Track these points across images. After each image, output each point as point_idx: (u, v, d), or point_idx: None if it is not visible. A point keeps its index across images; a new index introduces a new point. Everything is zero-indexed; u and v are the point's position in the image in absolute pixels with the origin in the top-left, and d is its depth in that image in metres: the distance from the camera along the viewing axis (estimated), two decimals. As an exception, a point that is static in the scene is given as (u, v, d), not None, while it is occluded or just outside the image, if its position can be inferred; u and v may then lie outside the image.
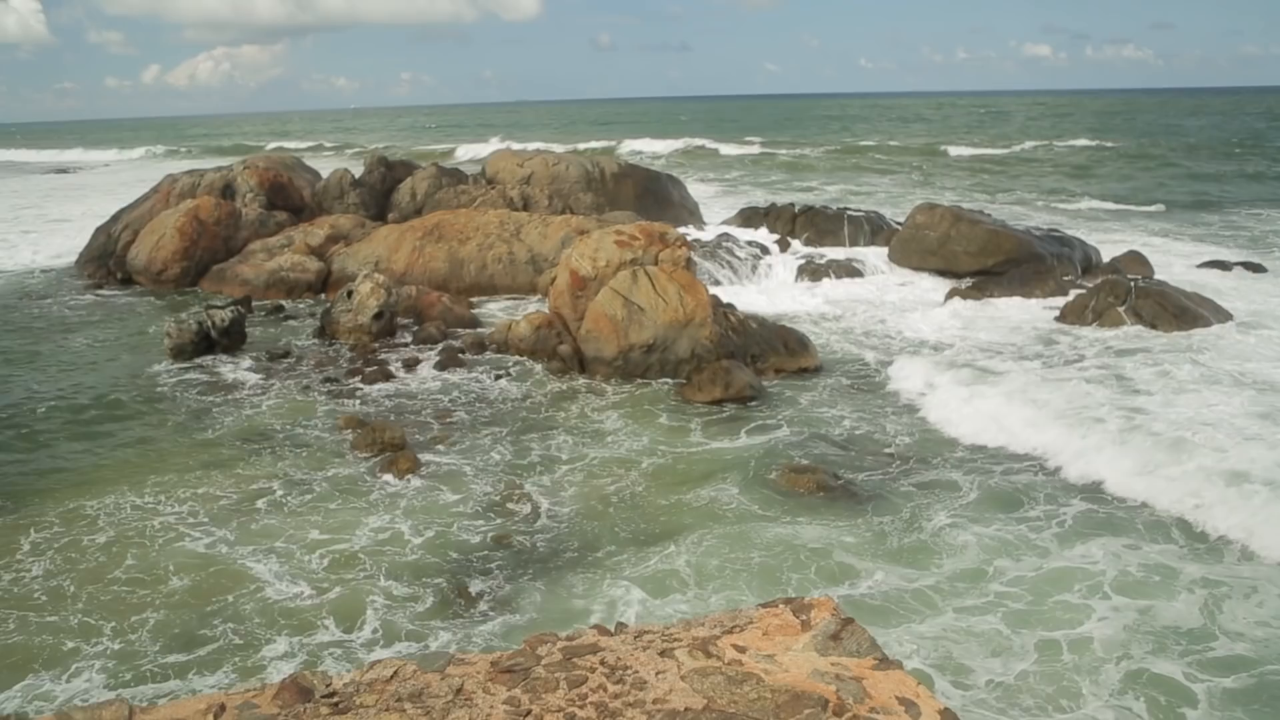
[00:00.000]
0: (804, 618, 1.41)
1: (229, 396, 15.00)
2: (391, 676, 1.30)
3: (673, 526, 10.31)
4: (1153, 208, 35.77)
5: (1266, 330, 17.15)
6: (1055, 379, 14.63)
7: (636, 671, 1.28)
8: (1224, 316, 17.56)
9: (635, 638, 1.38)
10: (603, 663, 1.31)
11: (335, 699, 1.26)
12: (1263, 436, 11.82)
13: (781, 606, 1.45)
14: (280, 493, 11.23)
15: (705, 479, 11.58)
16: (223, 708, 1.24)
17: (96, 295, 23.17)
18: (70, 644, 8.09)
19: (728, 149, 65.41)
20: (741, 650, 1.33)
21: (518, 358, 16.67)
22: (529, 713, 1.20)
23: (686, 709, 1.20)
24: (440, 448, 12.71)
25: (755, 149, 64.61)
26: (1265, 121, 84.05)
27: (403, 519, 10.51)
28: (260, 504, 10.91)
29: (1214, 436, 11.79)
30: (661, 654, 1.33)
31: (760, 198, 36.33)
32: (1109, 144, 62.39)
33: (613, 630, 1.42)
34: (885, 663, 1.31)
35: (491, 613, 8.66)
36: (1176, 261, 24.13)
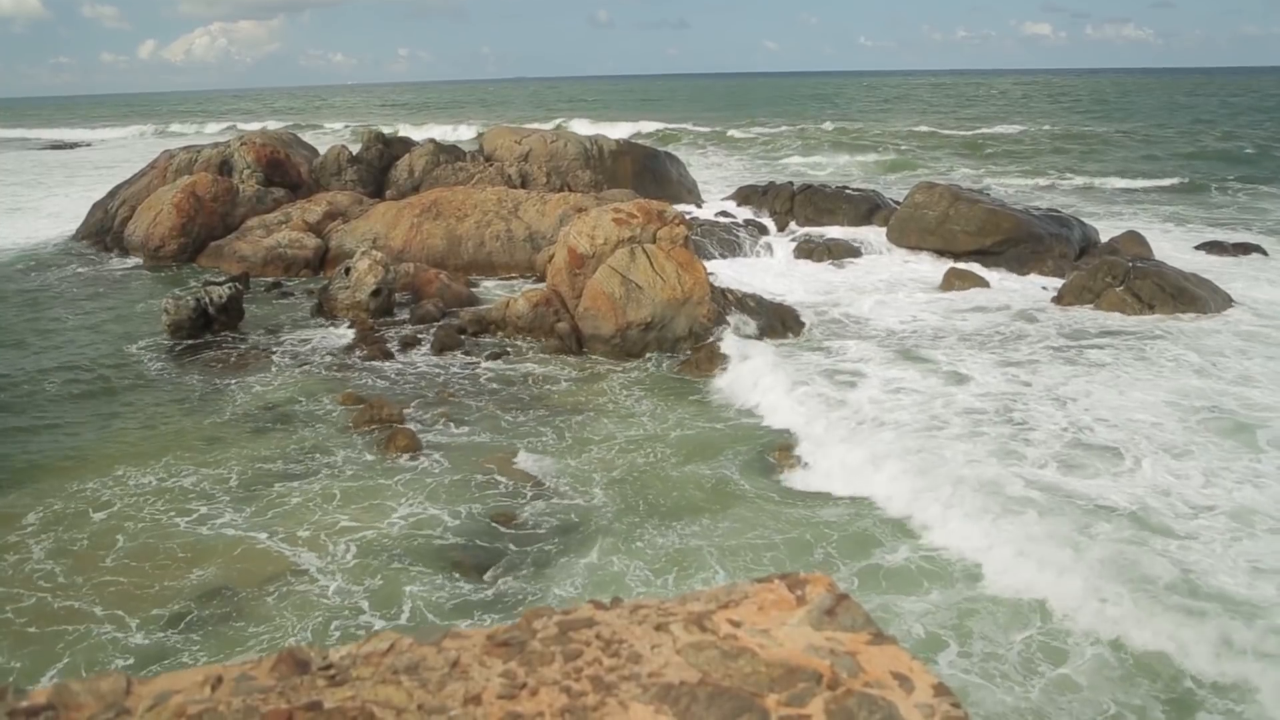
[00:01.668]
0: (799, 593, 1.41)
1: (227, 374, 15.00)
2: (388, 649, 1.30)
3: (676, 503, 10.38)
4: (1152, 187, 35.69)
5: (1261, 317, 17.04)
6: (1004, 369, 14.45)
7: (632, 645, 1.28)
8: (1222, 299, 17.54)
9: (631, 612, 1.39)
10: (598, 636, 1.32)
11: (332, 671, 1.26)
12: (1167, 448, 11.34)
13: (777, 582, 1.45)
14: (280, 470, 11.26)
15: (707, 455, 11.64)
16: (219, 679, 1.24)
17: (94, 271, 23.12)
18: (88, 628, 8.07)
19: (698, 130, 62.79)
20: (736, 625, 1.33)
21: (516, 335, 16.66)
22: (524, 685, 1.20)
23: (682, 682, 1.21)
24: (439, 424, 12.73)
25: (731, 130, 62.71)
26: (1266, 101, 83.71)
27: (403, 495, 10.55)
28: (260, 482, 10.95)
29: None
30: (657, 628, 1.33)
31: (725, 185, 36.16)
32: (1109, 124, 62.19)
33: (608, 605, 1.42)
34: (880, 638, 1.31)
35: (490, 591, 8.70)
36: (1176, 242, 24.13)
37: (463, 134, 50.87)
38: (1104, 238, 22.79)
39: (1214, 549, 8.82)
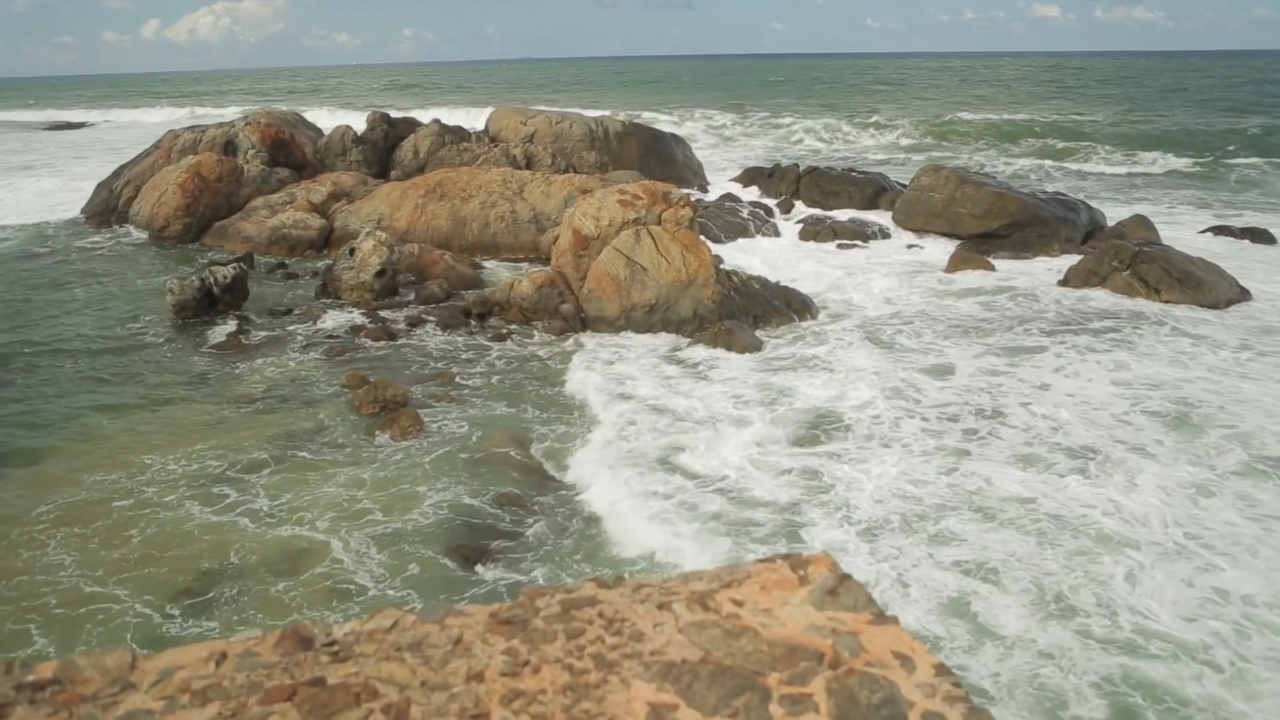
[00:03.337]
0: (801, 573, 1.41)
1: (230, 355, 15.02)
2: (391, 627, 1.31)
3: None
4: (1159, 171, 35.54)
5: (1267, 303, 16.90)
6: (989, 357, 14.24)
7: (634, 624, 1.29)
8: (1229, 284, 17.42)
9: (633, 591, 1.39)
10: (601, 615, 1.32)
11: (335, 648, 1.27)
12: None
13: (779, 562, 1.46)
14: (285, 453, 11.26)
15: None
16: (224, 655, 1.25)
17: (98, 251, 23.10)
18: (110, 612, 8.06)
19: (663, 117, 61.64)
20: (739, 604, 1.34)
21: (520, 317, 16.63)
22: (527, 663, 1.21)
23: (683, 660, 1.21)
24: (443, 405, 12.74)
25: (736, 112, 61.60)
26: (1275, 84, 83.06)
27: (406, 477, 10.56)
28: (264, 465, 10.95)
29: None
30: (659, 607, 1.34)
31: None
32: (1117, 107, 61.83)
33: (611, 583, 1.43)
34: (881, 618, 1.32)
35: (495, 574, 8.73)
36: (1183, 226, 24.01)
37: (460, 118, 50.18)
38: (1111, 221, 22.70)
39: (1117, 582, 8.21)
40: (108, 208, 26.39)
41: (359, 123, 28.72)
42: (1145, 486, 9.95)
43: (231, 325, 16.45)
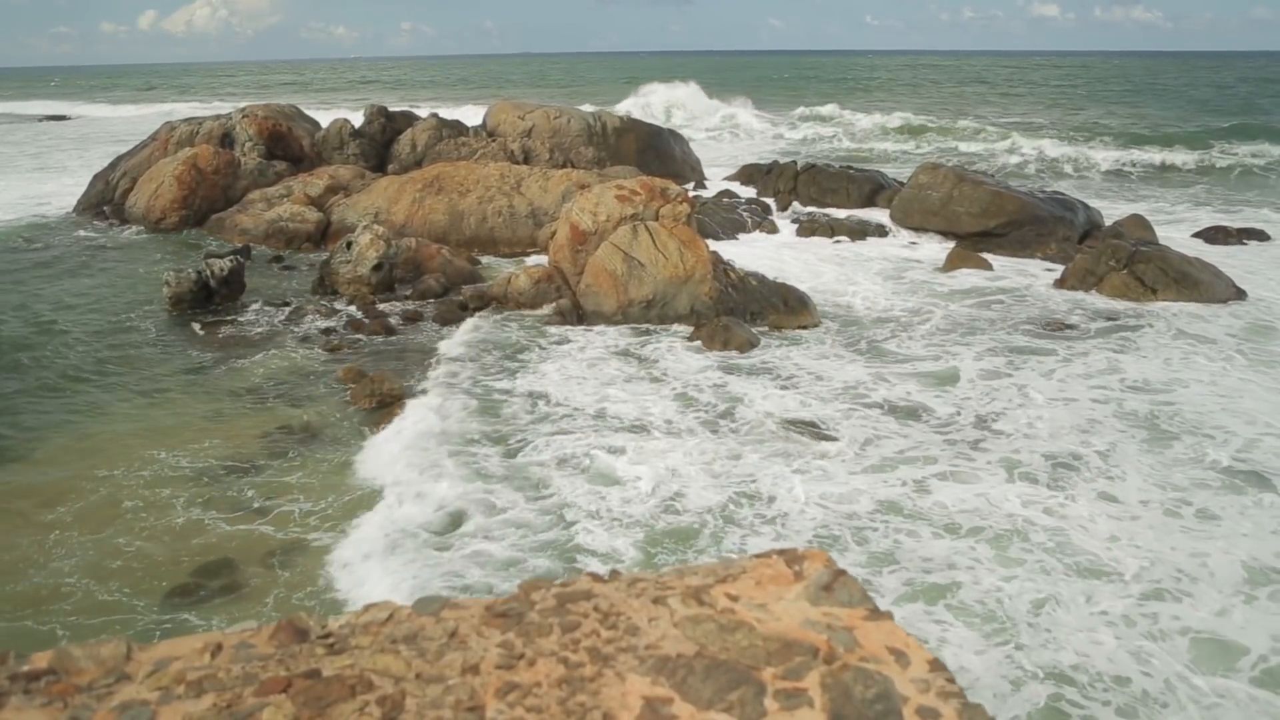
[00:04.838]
0: (797, 568, 1.42)
1: (227, 348, 14.99)
2: (387, 619, 1.31)
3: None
4: (1155, 171, 35.53)
5: (1262, 302, 16.90)
6: (981, 361, 14.00)
7: (629, 618, 1.29)
8: (1225, 284, 17.45)
9: (629, 585, 1.39)
10: (596, 609, 1.32)
11: (331, 640, 1.27)
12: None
13: (774, 557, 1.46)
14: (283, 448, 11.20)
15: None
16: (219, 647, 1.25)
17: (95, 243, 23.04)
18: (122, 616, 7.95)
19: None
20: (734, 599, 1.34)
21: (518, 310, 16.62)
22: (522, 656, 1.21)
23: (679, 655, 1.22)
24: (440, 399, 12.72)
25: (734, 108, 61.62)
26: (1274, 83, 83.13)
27: (404, 470, 10.55)
28: (263, 460, 10.89)
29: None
30: (654, 601, 1.34)
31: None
32: (1115, 107, 61.85)
33: (606, 577, 1.43)
34: (876, 614, 1.32)
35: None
36: (1180, 226, 24.04)
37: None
38: (1108, 220, 22.71)
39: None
40: (104, 199, 26.33)
41: (355, 117, 28.67)
42: (1117, 501, 9.63)
43: (228, 318, 16.42)
